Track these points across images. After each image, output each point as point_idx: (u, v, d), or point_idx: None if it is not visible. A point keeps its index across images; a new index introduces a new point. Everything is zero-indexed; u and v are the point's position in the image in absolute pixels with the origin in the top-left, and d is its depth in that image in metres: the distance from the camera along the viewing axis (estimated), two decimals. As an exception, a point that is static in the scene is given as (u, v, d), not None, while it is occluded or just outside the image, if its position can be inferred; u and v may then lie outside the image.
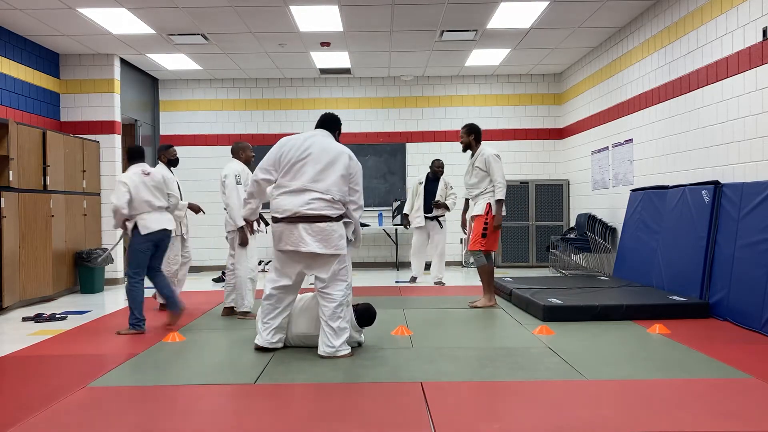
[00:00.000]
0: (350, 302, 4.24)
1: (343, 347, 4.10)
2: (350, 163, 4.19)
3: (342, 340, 4.09)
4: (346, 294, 4.14)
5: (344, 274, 4.15)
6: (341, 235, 4.10)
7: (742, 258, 5.04)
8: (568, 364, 3.88)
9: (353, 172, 4.21)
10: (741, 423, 2.84)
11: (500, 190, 5.87)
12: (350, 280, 4.22)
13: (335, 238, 4.06)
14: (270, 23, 7.41)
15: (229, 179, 5.56)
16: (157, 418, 3.03)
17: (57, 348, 4.64)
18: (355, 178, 4.23)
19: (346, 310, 4.14)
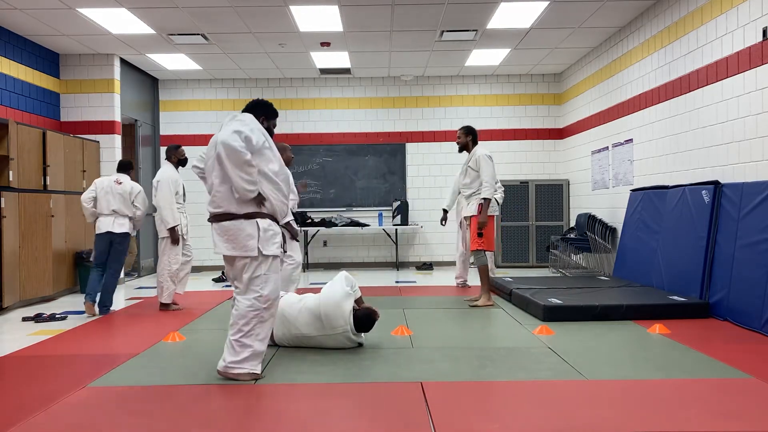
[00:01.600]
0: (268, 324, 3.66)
1: (240, 366, 3.54)
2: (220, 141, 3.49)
3: (239, 358, 3.54)
4: (258, 309, 3.56)
5: (258, 284, 3.57)
6: (250, 234, 3.56)
7: (742, 258, 5.04)
8: (568, 364, 3.88)
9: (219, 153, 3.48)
10: (741, 423, 2.84)
11: (487, 189, 5.92)
12: (269, 293, 3.60)
13: (242, 238, 3.56)
14: (270, 23, 7.41)
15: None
16: (157, 418, 3.03)
17: (57, 348, 4.64)
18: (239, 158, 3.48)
19: (260, 328, 3.58)
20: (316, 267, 10.34)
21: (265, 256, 3.58)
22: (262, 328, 3.60)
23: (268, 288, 3.60)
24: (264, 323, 3.61)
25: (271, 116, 3.88)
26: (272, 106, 3.92)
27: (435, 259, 10.36)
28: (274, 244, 3.62)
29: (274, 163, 3.67)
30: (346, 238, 10.42)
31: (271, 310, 3.65)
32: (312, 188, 10.45)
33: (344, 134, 10.47)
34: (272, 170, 3.65)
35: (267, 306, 3.60)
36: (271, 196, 3.62)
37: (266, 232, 3.59)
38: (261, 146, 3.60)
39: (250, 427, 2.90)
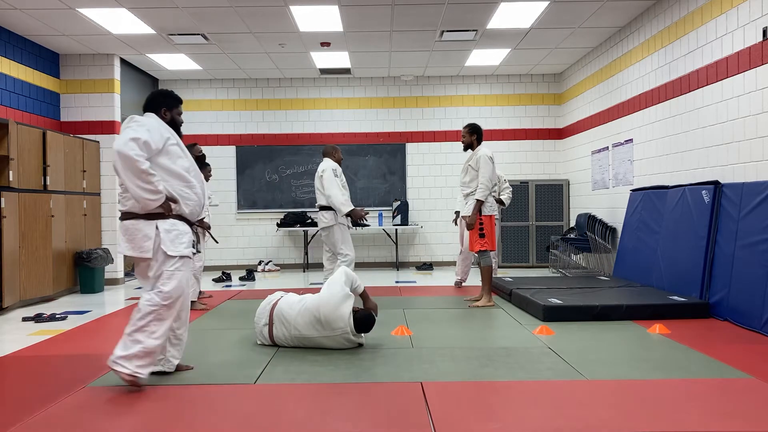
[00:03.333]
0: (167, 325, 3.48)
1: (125, 363, 3.36)
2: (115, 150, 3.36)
3: (126, 353, 3.37)
4: (156, 305, 3.42)
5: (161, 281, 3.46)
6: (146, 235, 3.42)
7: (742, 258, 5.04)
8: (568, 364, 3.88)
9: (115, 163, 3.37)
10: (741, 423, 2.84)
11: (481, 191, 5.92)
12: (170, 291, 3.44)
13: (139, 239, 3.44)
14: (270, 23, 7.41)
15: (327, 173, 6.15)
16: (156, 418, 3.03)
17: (57, 348, 4.64)
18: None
19: (156, 326, 3.42)
20: (316, 267, 10.33)
21: (168, 257, 3.44)
22: (158, 326, 3.43)
23: (171, 285, 3.44)
24: (161, 322, 3.43)
25: (172, 105, 3.69)
26: (171, 94, 3.72)
27: (435, 259, 10.36)
28: (181, 244, 3.47)
29: (183, 159, 3.54)
30: (346, 238, 10.40)
31: (172, 310, 3.46)
32: (312, 188, 10.44)
33: (344, 134, 10.47)
34: (183, 167, 3.53)
35: (167, 304, 3.44)
36: (184, 196, 3.50)
37: (169, 233, 3.45)
38: (165, 145, 3.46)
39: (250, 427, 2.89)
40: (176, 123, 3.70)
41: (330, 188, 6.10)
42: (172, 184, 3.47)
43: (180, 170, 3.50)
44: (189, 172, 3.55)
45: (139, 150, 3.31)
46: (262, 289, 7.70)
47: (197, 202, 3.59)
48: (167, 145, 3.48)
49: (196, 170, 3.62)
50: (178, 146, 3.55)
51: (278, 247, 10.48)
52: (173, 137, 3.56)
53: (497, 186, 7.64)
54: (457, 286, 7.50)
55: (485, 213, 6.01)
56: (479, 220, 6.00)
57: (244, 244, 10.43)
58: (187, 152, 3.61)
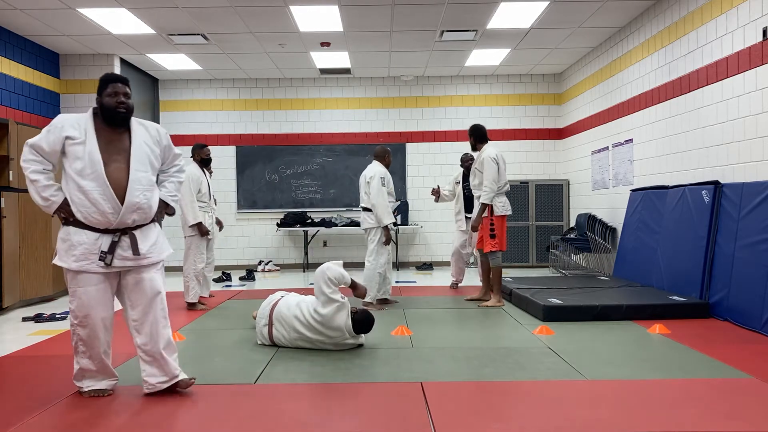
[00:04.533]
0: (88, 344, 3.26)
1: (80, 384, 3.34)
2: None
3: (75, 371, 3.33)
4: (72, 325, 3.26)
5: (70, 300, 3.25)
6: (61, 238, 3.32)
7: (742, 258, 5.04)
8: (568, 364, 3.88)
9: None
10: (741, 423, 2.84)
11: (485, 194, 5.90)
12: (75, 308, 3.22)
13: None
14: (270, 23, 7.41)
15: (375, 181, 6.05)
16: (156, 418, 3.03)
17: (57, 348, 4.64)
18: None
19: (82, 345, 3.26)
20: (316, 267, 10.29)
21: (66, 270, 3.22)
22: (84, 347, 3.25)
23: (74, 304, 3.20)
24: (84, 342, 3.24)
25: (100, 89, 3.32)
26: (102, 77, 3.36)
27: (435, 259, 10.36)
28: (71, 257, 3.19)
29: (79, 161, 3.14)
30: (346, 238, 10.41)
31: (86, 329, 3.21)
32: (312, 188, 10.45)
33: (344, 134, 10.47)
34: (75, 169, 3.14)
35: (78, 323, 3.21)
36: (74, 201, 3.17)
37: (63, 242, 3.25)
38: (64, 145, 3.17)
39: (250, 427, 2.89)
40: (106, 107, 3.24)
41: (376, 197, 6.01)
42: (69, 188, 3.18)
43: (72, 173, 3.15)
44: (82, 174, 3.12)
45: (28, 155, 3.14)
46: (262, 289, 7.69)
47: (93, 210, 3.15)
48: (67, 146, 3.16)
49: (96, 173, 3.13)
50: (83, 145, 3.15)
51: (278, 247, 10.48)
52: (83, 135, 3.17)
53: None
54: (453, 287, 7.46)
55: (497, 213, 5.97)
56: (489, 220, 5.97)
57: (244, 244, 10.43)
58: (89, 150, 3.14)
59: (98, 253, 3.19)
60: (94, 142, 3.18)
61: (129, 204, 3.19)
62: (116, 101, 3.25)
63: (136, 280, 3.30)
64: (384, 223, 6.02)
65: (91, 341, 3.24)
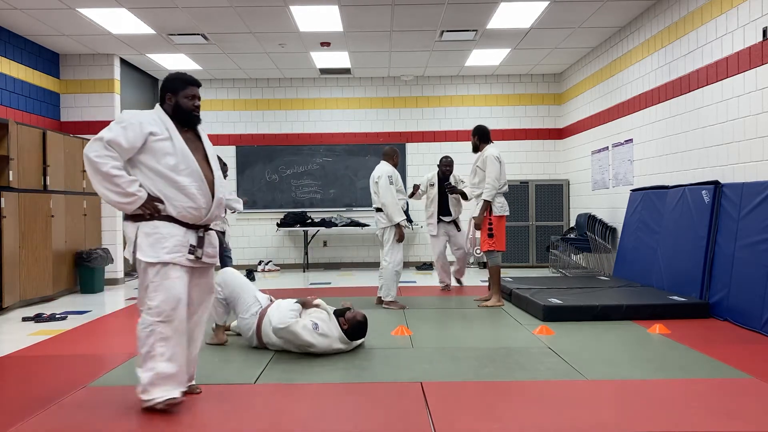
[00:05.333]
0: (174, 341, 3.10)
1: (149, 392, 3.06)
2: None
3: (144, 383, 3.07)
4: (150, 324, 3.06)
5: (147, 295, 3.09)
6: (130, 238, 3.13)
7: (742, 258, 5.04)
8: (568, 364, 3.88)
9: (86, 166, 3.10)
10: (741, 423, 2.84)
11: (488, 191, 5.92)
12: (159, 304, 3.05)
13: (127, 242, 3.18)
14: (270, 23, 7.41)
15: (383, 180, 6.09)
16: (156, 418, 3.03)
17: (57, 348, 4.64)
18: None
19: (162, 347, 3.05)
20: (316, 267, 10.33)
21: (148, 264, 3.06)
22: (165, 347, 3.05)
23: (159, 298, 3.04)
24: (167, 341, 3.05)
25: (177, 88, 3.26)
26: (178, 76, 3.31)
27: (435, 259, 10.35)
28: (163, 249, 3.06)
29: (171, 157, 3.11)
30: (345, 238, 10.41)
31: (172, 324, 3.06)
32: (312, 188, 10.45)
33: (344, 134, 10.47)
34: (168, 165, 3.09)
35: (162, 319, 3.04)
36: (169, 197, 3.10)
37: (148, 236, 3.07)
38: (147, 141, 3.08)
39: (250, 426, 2.89)
40: (183, 109, 3.24)
41: (385, 196, 6.04)
42: (156, 183, 3.10)
43: (163, 169, 3.08)
44: (176, 170, 3.10)
45: (102, 150, 3.01)
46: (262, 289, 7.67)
47: (190, 204, 3.13)
48: (150, 142, 3.09)
49: (189, 168, 3.13)
50: (170, 142, 3.12)
51: (278, 247, 10.48)
52: (165, 131, 3.13)
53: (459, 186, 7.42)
54: (447, 288, 7.36)
55: (496, 213, 5.99)
56: (488, 220, 5.99)
57: (244, 244, 10.43)
58: (179, 147, 3.13)
59: (187, 247, 3.14)
60: (180, 138, 3.17)
61: (218, 200, 3.23)
62: (193, 104, 3.31)
63: (199, 279, 3.29)
64: (395, 220, 6.06)
65: (177, 338, 3.10)
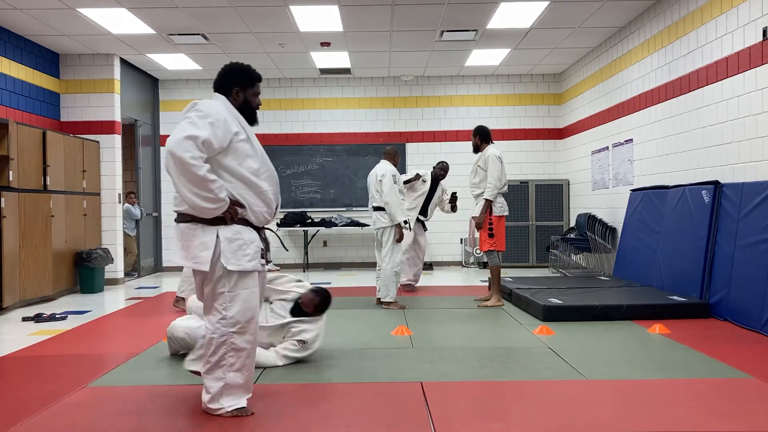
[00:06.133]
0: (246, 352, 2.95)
1: (215, 406, 2.94)
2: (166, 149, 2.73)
3: (212, 394, 2.94)
4: (224, 334, 2.88)
5: (221, 303, 2.88)
6: (204, 243, 2.85)
7: (742, 258, 5.04)
8: (568, 364, 3.88)
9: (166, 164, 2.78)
10: (741, 423, 2.84)
11: (489, 190, 5.93)
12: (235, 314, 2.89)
13: (195, 247, 2.87)
14: (270, 23, 7.41)
15: (387, 178, 6.09)
16: (156, 418, 3.03)
17: (57, 348, 4.64)
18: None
19: (233, 357, 2.91)
20: (316, 267, 10.33)
21: (228, 272, 2.86)
22: (236, 358, 2.90)
23: (235, 308, 2.87)
24: (238, 352, 2.90)
25: (246, 83, 3.04)
26: (247, 69, 3.06)
27: (435, 259, 10.36)
28: (245, 256, 2.88)
29: (252, 159, 2.92)
30: (345, 238, 10.41)
31: (246, 336, 2.91)
32: (312, 188, 10.45)
33: (344, 134, 10.47)
34: (250, 169, 2.91)
35: (237, 330, 2.89)
36: (250, 201, 2.91)
37: (231, 242, 2.86)
38: (231, 140, 2.86)
39: (251, 427, 2.89)
40: (251, 106, 3.04)
41: (388, 195, 6.04)
42: (236, 188, 2.87)
43: (246, 173, 2.88)
44: (258, 174, 2.93)
45: (196, 151, 2.71)
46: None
47: (266, 210, 2.98)
48: (234, 143, 2.86)
49: (268, 171, 3.00)
50: (248, 142, 2.93)
51: (278, 247, 10.47)
52: (243, 131, 2.93)
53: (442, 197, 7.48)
54: (411, 289, 7.33)
55: (496, 213, 6.00)
56: (488, 219, 6.00)
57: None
58: (258, 148, 2.99)
59: (260, 252, 2.97)
60: (257, 139, 3.00)
61: (278, 204, 3.11)
62: (258, 103, 3.10)
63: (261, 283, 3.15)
64: (397, 220, 6.07)
65: (251, 348, 2.95)
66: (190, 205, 2.79)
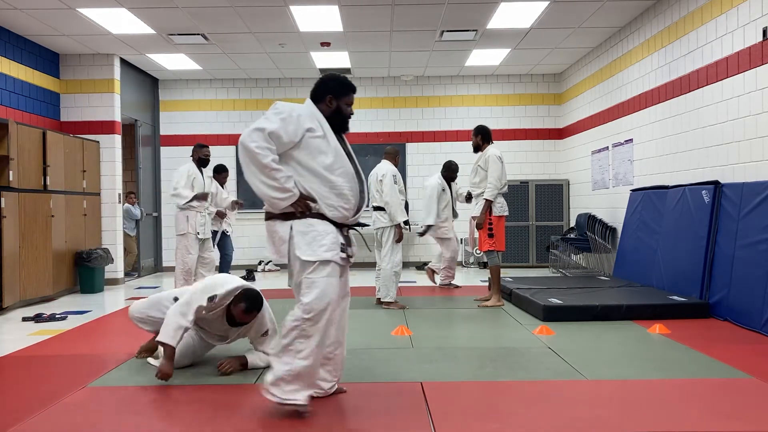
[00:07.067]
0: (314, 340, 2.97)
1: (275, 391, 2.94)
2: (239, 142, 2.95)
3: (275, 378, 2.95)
4: (297, 319, 2.95)
5: (302, 290, 2.99)
6: (281, 237, 3.02)
7: (742, 258, 5.04)
8: (568, 364, 3.88)
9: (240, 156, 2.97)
10: (741, 423, 2.84)
11: (490, 190, 5.93)
12: (311, 302, 2.94)
13: (276, 241, 3.05)
14: (270, 23, 7.41)
15: (387, 178, 6.13)
16: (156, 418, 3.03)
17: (57, 348, 4.64)
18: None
19: (301, 343, 2.94)
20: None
21: (304, 262, 2.97)
22: (304, 344, 2.94)
23: (312, 295, 2.95)
24: (307, 339, 2.95)
25: (340, 93, 3.19)
26: (343, 80, 3.22)
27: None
28: (321, 247, 2.96)
29: (326, 156, 3.02)
30: (346, 238, 10.39)
31: (318, 324, 2.96)
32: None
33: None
34: (323, 164, 3.01)
35: (310, 317, 2.94)
36: (323, 195, 3.01)
37: (304, 234, 2.97)
38: (304, 137, 2.99)
39: (251, 426, 2.89)
40: (342, 114, 3.18)
41: (389, 195, 6.08)
42: (309, 181, 2.99)
43: (318, 167, 2.99)
44: (332, 170, 3.01)
45: (262, 142, 2.89)
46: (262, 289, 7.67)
47: (343, 205, 3.05)
48: (307, 138, 2.99)
49: (344, 168, 3.06)
50: (324, 139, 3.03)
51: (278, 247, 10.46)
52: (321, 128, 3.05)
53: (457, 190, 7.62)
54: (451, 287, 7.47)
55: (496, 213, 6.01)
56: (488, 220, 6.00)
57: (245, 244, 10.42)
58: (334, 145, 3.07)
59: (339, 245, 3.05)
60: (334, 137, 3.09)
61: (364, 202, 3.17)
62: (351, 112, 3.24)
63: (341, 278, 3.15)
64: (398, 220, 6.08)
65: (318, 337, 2.98)
66: (261, 196, 2.96)
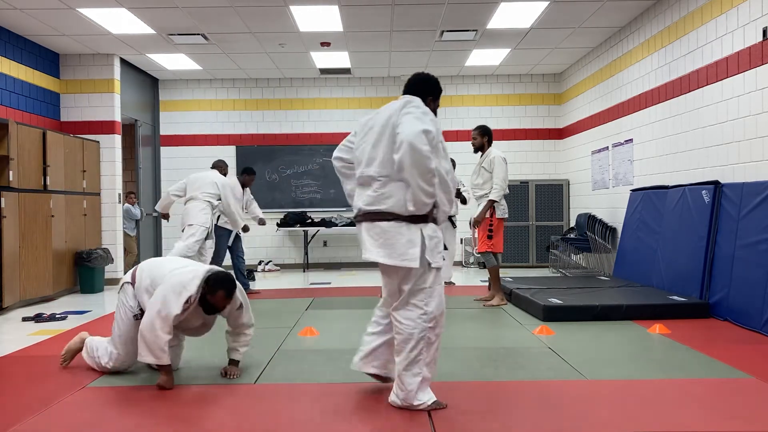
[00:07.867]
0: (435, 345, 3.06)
1: (417, 402, 3.00)
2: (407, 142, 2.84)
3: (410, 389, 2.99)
4: (423, 330, 2.97)
5: (421, 299, 2.97)
6: (411, 241, 2.95)
7: (742, 258, 5.04)
8: (568, 364, 3.88)
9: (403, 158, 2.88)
10: (741, 423, 2.84)
11: (496, 191, 5.93)
12: (434, 310, 3.00)
13: (402, 245, 2.95)
14: (270, 23, 7.41)
15: None
16: (157, 418, 3.03)
17: (57, 348, 4.62)
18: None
19: (426, 352, 3.01)
20: (316, 267, 10.33)
21: (429, 268, 2.98)
22: (428, 352, 3.00)
23: (434, 303, 2.99)
24: (431, 346, 3.01)
25: (437, 95, 3.24)
26: (438, 83, 3.26)
27: (435, 259, 10.35)
28: (439, 254, 3.01)
29: (445, 160, 3.04)
30: (345, 238, 10.41)
31: (437, 330, 3.03)
32: (312, 188, 10.45)
33: (344, 134, 10.33)
34: (445, 168, 3.01)
35: (433, 325, 3.00)
36: (442, 200, 3.01)
37: (431, 239, 2.97)
38: (436, 141, 2.98)
39: (250, 427, 2.89)
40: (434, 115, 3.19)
41: None
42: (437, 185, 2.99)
43: (443, 172, 2.98)
44: (449, 174, 3.05)
45: (428, 146, 2.87)
46: (262, 289, 7.70)
47: (448, 209, 3.09)
48: (437, 142, 2.99)
49: (453, 174, 3.14)
50: (443, 143, 3.07)
51: (278, 247, 10.48)
52: (440, 132, 3.09)
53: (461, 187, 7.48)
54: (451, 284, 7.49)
55: (498, 215, 6.02)
56: (489, 221, 6.00)
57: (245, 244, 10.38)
58: (447, 152, 3.13)
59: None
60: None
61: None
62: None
63: None
64: None
65: (439, 342, 3.06)
66: (417, 201, 2.89)
